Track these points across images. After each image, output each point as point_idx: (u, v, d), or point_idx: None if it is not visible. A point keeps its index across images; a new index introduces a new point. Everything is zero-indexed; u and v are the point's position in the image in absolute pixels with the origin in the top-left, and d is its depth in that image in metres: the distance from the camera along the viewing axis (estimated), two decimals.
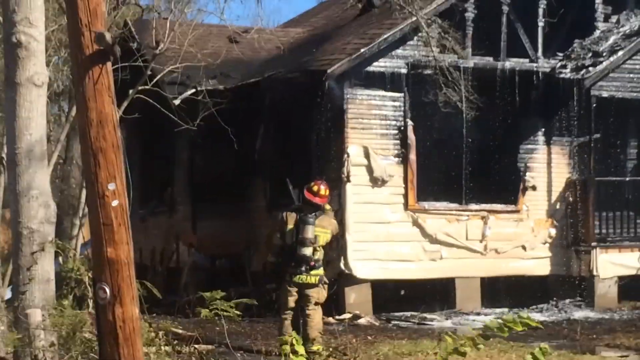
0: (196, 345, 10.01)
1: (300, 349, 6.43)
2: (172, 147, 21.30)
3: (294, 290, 12.67)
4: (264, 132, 19.65)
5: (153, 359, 7.54)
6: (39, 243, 8.18)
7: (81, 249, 23.29)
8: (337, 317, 17.08)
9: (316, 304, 12.71)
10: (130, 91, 15.90)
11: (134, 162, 24.04)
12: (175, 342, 9.50)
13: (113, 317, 6.12)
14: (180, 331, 14.55)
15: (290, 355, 6.35)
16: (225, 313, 9.56)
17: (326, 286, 12.96)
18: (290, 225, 12.95)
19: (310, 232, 12.82)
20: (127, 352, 6.15)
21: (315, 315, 12.67)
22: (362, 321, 16.85)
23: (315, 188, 13.26)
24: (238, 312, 10.18)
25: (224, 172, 20.37)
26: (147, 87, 15.87)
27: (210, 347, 11.77)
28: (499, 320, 6.29)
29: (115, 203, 6.11)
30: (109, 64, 6.15)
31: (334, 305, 17.43)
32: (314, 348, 12.16)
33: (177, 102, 19.32)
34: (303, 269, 12.71)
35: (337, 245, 17.61)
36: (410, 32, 17.40)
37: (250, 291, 19.55)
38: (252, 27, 23.57)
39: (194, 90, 19.50)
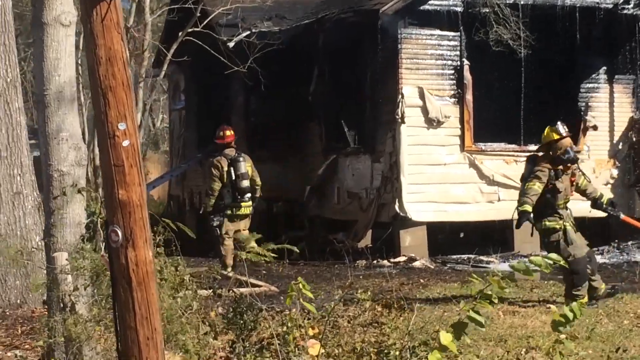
0: (239, 289, 9.85)
1: (309, 294, 6.24)
2: (228, 90, 21.14)
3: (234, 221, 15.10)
4: (318, 75, 19.40)
5: (180, 303, 7.38)
6: (69, 186, 8.05)
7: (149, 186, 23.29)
8: (391, 260, 16.89)
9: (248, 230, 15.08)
10: (180, 33, 15.76)
11: (192, 106, 24.02)
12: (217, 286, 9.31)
13: (126, 261, 5.95)
14: (230, 274, 14.54)
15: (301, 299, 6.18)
16: (260, 257, 9.34)
17: None
18: (225, 167, 15.02)
19: (243, 167, 15.11)
20: (141, 296, 5.99)
21: (231, 243, 15.03)
22: (416, 264, 16.64)
23: (221, 134, 15.45)
24: (274, 256, 9.97)
25: (281, 115, 20.21)
26: (196, 29, 15.68)
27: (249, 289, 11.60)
28: (526, 262, 6.03)
29: (126, 143, 5.91)
30: None
31: (389, 248, 17.27)
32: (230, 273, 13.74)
33: (231, 44, 19.18)
34: (246, 199, 15.20)
35: (391, 188, 17.39)
36: None
37: (305, 235, 19.47)
38: None
39: (248, 33, 19.33)
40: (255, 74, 19.16)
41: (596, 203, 12.22)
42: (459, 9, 17.28)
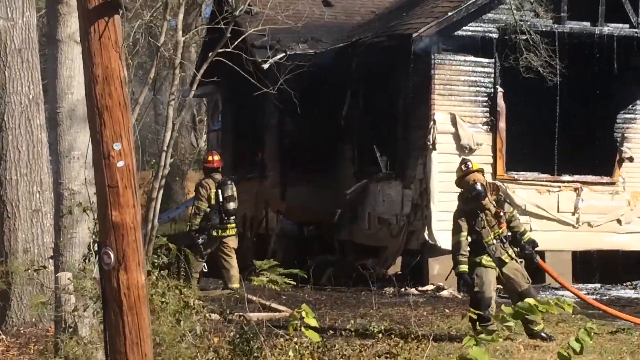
0: (249, 314, 9.70)
1: (312, 322, 6.07)
2: (262, 112, 21.05)
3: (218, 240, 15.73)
4: (351, 98, 19.27)
5: (183, 327, 7.24)
6: (76, 205, 7.97)
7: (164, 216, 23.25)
8: (419, 288, 16.66)
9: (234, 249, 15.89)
10: (210, 54, 15.67)
11: (227, 127, 23.98)
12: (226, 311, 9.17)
13: (117, 284, 5.85)
14: (254, 298, 14.43)
15: (302, 329, 6.00)
16: (274, 284, 9.20)
17: None
18: (213, 190, 15.89)
19: (230, 191, 15.94)
20: (132, 320, 5.87)
21: (235, 259, 15.87)
22: (444, 293, 16.40)
23: (209, 158, 16.61)
24: (292, 282, 9.84)
25: (313, 138, 20.08)
26: (227, 49, 15.57)
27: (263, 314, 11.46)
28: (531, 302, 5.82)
29: (121, 164, 5.82)
30: (116, 16, 5.84)
31: (417, 275, 17.04)
32: (236, 285, 14.72)
33: (265, 66, 19.10)
34: (231, 220, 15.90)
35: (421, 215, 17.18)
36: None
37: (335, 260, 19.28)
38: None
39: (283, 55, 19.25)
40: (289, 96, 19.07)
41: (515, 238, 11.76)
42: (494, 35, 17.08)
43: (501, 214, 11.46)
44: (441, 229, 16.85)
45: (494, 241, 11.40)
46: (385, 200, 18.27)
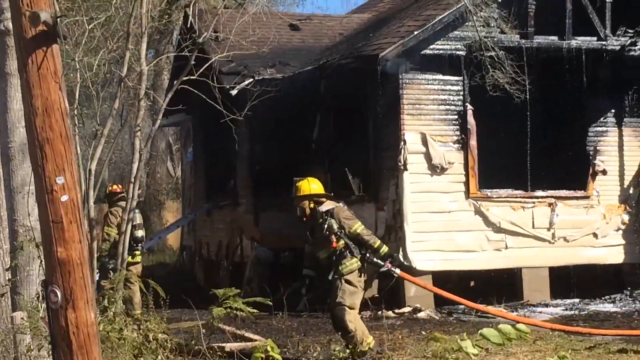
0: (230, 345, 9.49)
1: (276, 356, 5.86)
2: (233, 139, 20.82)
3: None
4: (321, 121, 19.11)
5: None
6: (27, 240, 7.75)
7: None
8: (396, 310, 16.46)
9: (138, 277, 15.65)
10: (175, 82, 15.51)
11: (199, 155, 23.78)
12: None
13: (66, 322, 5.64)
14: (227, 328, 14.19)
15: None
16: (238, 312, 8.97)
17: None
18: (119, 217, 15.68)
19: (138, 219, 16.38)
20: None
21: (137, 286, 15.35)
22: (421, 315, 16.21)
23: (110, 188, 17.42)
24: (254, 311, 9.61)
25: (285, 163, 19.87)
26: (192, 77, 15.38)
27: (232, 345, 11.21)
28: (493, 330, 5.68)
29: (64, 198, 5.62)
30: (55, 46, 5.65)
31: (394, 298, 16.83)
32: (138, 312, 13.98)
33: (233, 92, 18.93)
34: (139, 247, 16.34)
35: (395, 237, 16.99)
36: (467, 13, 16.57)
37: (310, 287, 19.01)
38: (315, 14, 23.08)
39: (251, 81, 19.08)
40: (259, 122, 18.90)
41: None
42: (461, 53, 16.95)
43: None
44: (416, 249, 16.70)
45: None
46: None
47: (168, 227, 25.53)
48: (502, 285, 17.31)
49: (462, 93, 17.08)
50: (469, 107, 17.03)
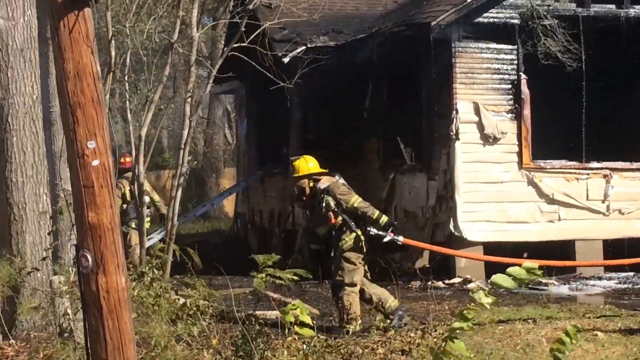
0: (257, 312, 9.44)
1: (306, 318, 5.81)
2: (286, 106, 20.80)
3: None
4: (373, 89, 18.97)
5: (181, 329, 7.00)
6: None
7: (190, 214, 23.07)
8: (446, 281, 16.35)
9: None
10: (225, 49, 15.48)
11: (252, 122, 23.77)
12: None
13: (97, 287, 5.64)
14: (275, 295, 14.21)
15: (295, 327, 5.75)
16: (278, 280, 8.92)
17: None
18: (127, 187, 16.56)
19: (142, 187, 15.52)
20: (112, 325, 5.65)
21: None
22: (471, 285, 16.04)
23: (122, 160, 17.06)
24: (295, 278, 9.56)
25: (337, 131, 19.80)
26: (243, 44, 15.33)
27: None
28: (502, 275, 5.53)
29: (96, 162, 5.59)
30: (87, 10, 5.61)
31: (445, 268, 16.72)
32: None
33: (286, 60, 18.84)
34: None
35: (446, 207, 16.85)
36: None
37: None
38: None
39: (304, 48, 18.98)
40: (312, 89, 18.80)
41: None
42: (515, 22, 16.69)
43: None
44: (467, 220, 16.55)
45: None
46: (411, 192, 17.96)
47: (221, 194, 25.60)
48: (556, 258, 17.07)
49: (515, 62, 16.83)
50: (523, 76, 16.79)
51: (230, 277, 16.73)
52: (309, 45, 18.97)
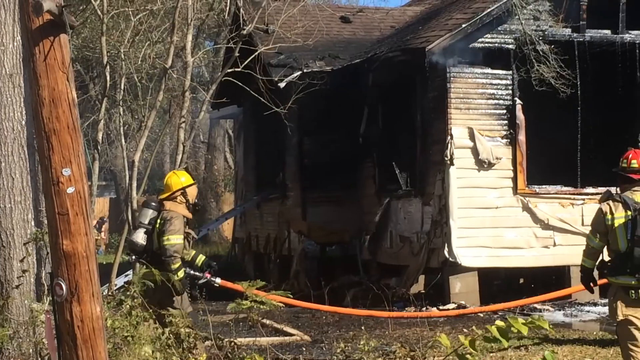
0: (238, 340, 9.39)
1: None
2: (283, 131, 20.79)
3: None
4: (369, 115, 18.94)
5: (159, 357, 6.93)
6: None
7: None
8: (440, 307, 16.25)
9: None
10: (218, 74, 15.50)
11: (250, 147, 23.75)
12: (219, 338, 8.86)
13: (71, 316, 5.58)
14: (268, 322, 14.16)
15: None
16: (261, 305, 8.85)
17: None
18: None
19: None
20: (87, 355, 5.59)
21: None
22: (466, 312, 15.97)
23: None
24: (278, 304, 9.49)
25: (333, 156, 19.79)
26: (237, 69, 15.35)
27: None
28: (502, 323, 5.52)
29: (71, 190, 5.54)
30: (63, 36, 5.57)
31: (440, 294, 16.64)
32: None
33: (282, 84, 18.83)
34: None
35: (441, 232, 16.79)
36: (514, 6, 16.28)
37: (358, 280, 18.89)
38: (367, 6, 22.92)
39: (299, 73, 18.97)
40: (308, 115, 18.79)
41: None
42: (510, 47, 16.67)
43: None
44: (461, 245, 16.48)
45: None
46: (407, 218, 17.90)
47: (217, 219, 25.55)
48: (550, 283, 17.01)
49: (510, 87, 16.81)
50: (518, 101, 16.75)
51: (225, 302, 16.74)
52: (305, 70, 18.97)
